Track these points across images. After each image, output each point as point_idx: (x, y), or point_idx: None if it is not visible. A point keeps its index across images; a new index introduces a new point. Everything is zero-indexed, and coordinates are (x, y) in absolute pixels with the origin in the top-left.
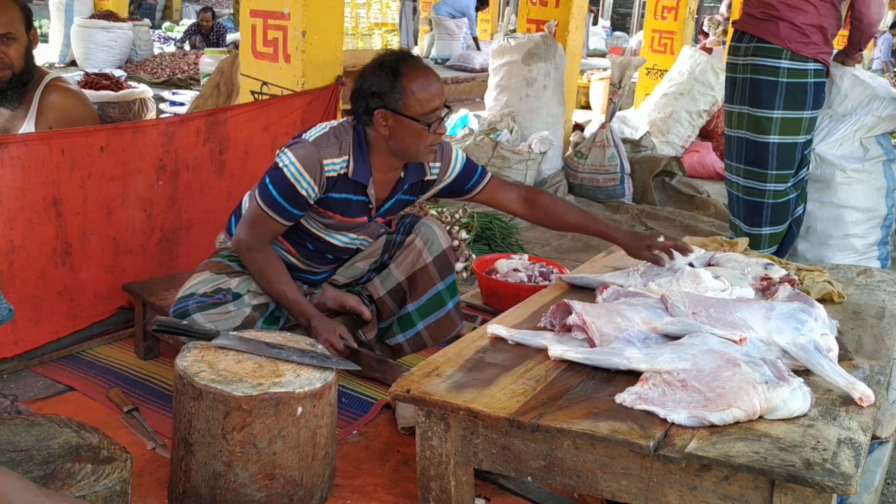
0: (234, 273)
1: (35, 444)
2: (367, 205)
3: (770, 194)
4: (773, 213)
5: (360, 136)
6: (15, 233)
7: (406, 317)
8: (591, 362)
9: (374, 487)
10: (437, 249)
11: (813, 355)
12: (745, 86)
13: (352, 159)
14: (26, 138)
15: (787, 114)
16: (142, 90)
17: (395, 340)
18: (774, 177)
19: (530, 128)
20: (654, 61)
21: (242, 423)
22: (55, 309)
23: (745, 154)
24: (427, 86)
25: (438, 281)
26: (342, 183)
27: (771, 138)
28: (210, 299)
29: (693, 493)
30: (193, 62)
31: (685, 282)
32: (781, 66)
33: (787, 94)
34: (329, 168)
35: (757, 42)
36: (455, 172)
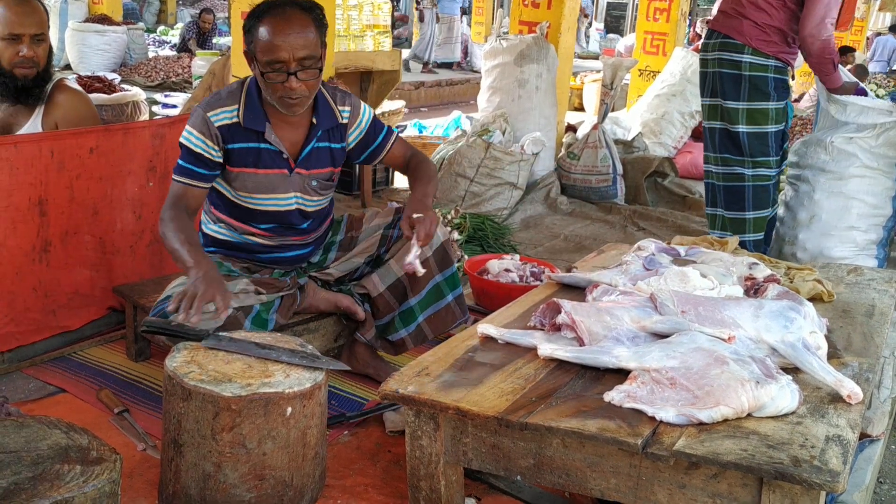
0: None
1: (24, 445)
2: (281, 155)
3: (750, 178)
4: (755, 197)
5: (251, 87)
6: None
7: (408, 311)
8: (580, 361)
9: (364, 487)
10: (436, 242)
11: (801, 353)
12: (714, 79)
13: (243, 107)
14: (17, 140)
15: (752, 105)
16: (134, 93)
17: (398, 336)
18: (751, 163)
19: (523, 129)
20: (647, 62)
21: (232, 423)
22: (29, 304)
23: (721, 142)
24: (274, 34)
25: (437, 273)
26: (238, 132)
27: (740, 128)
28: None
29: (682, 491)
30: (188, 65)
31: (673, 280)
32: (744, 60)
33: (751, 86)
34: (216, 119)
35: (722, 38)
36: (366, 121)
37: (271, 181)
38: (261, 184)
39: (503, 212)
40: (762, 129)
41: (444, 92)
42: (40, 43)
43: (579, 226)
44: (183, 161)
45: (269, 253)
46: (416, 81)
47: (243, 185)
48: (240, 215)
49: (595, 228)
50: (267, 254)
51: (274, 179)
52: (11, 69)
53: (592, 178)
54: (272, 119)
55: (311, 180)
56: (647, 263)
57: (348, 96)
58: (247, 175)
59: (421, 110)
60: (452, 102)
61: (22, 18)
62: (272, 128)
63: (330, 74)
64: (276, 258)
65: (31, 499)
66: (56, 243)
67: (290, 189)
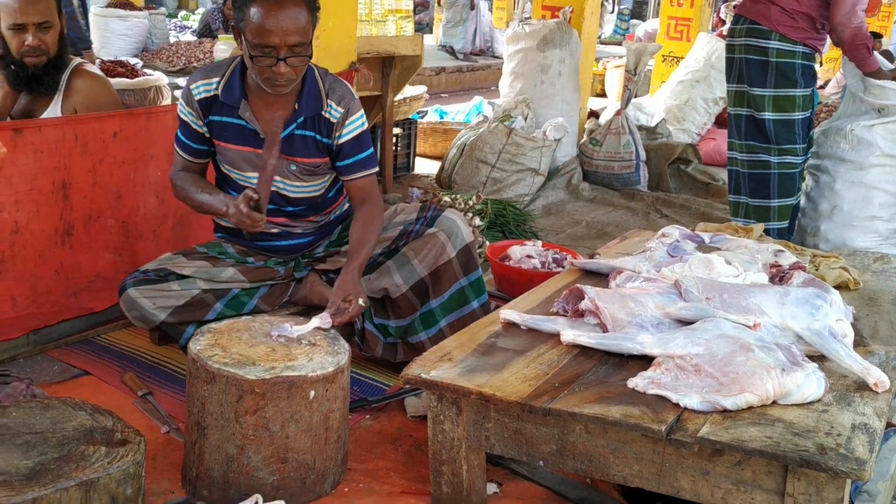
0: (194, 256)
1: (50, 426)
2: (256, 134)
3: (776, 165)
4: (781, 185)
5: (239, 62)
6: (20, 214)
7: (429, 313)
8: (603, 347)
9: (386, 471)
10: (460, 243)
11: (828, 340)
12: (740, 65)
13: (224, 80)
14: (41, 124)
15: (779, 92)
16: (157, 78)
17: (418, 338)
18: (777, 150)
19: (545, 115)
20: (670, 48)
21: (255, 406)
22: (51, 286)
23: (746, 129)
24: (265, 17)
25: (462, 276)
26: (217, 106)
27: (766, 115)
28: (151, 275)
29: (705, 478)
30: (209, 50)
31: (698, 267)
32: (771, 46)
33: (778, 73)
34: (196, 91)
35: (749, 23)
36: (354, 131)
37: (247, 158)
38: (237, 159)
39: (525, 198)
40: (789, 117)
41: (465, 78)
42: (47, 30)
43: (601, 212)
44: (179, 131)
45: (268, 241)
46: (436, 67)
47: (225, 158)
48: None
49: (617, 215)
50: (265, 241)
51: (249, 157)
52: (21, 58)
53: (615, 164)
54: (251, 97)
55: (289, 164)
56: (672, 250)
57: (352, 100)
58: (225, 149)
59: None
60: (473, 88)
61: (25, 7)
62: (249, 105)
63: (352, 59)
64: (273, 246)
65: (57, 479)
66: (79, 227)
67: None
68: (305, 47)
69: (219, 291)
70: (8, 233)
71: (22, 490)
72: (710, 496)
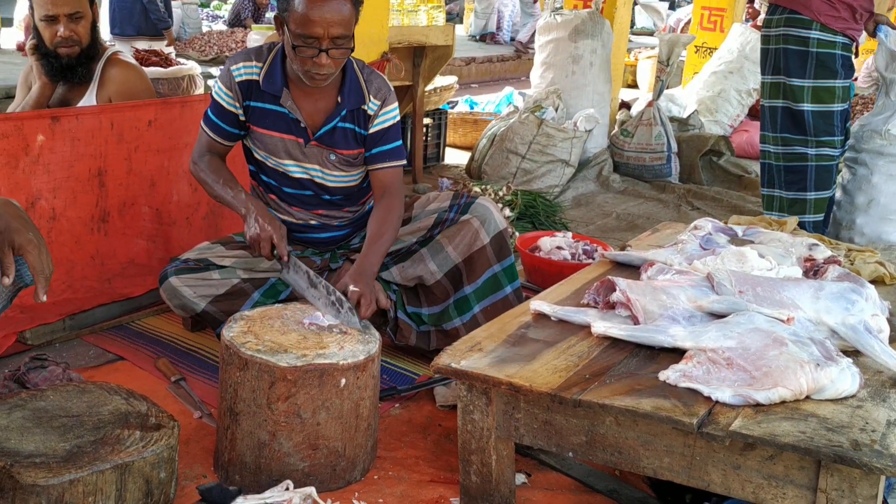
0: (232, 245)
1: (86, 410)
2: (299, 123)
3: (813, 158)
4: (818, 178)
5: (282, 48)
6: (58, 201)
7: (463, 299)
8: (634, 339)
9: (415, 460)
10: (493, 230)
11: (863, 336)
12: (777, 56)
13: (266, 67)
14: (78, 112)
15: (818, 82)
16: (190, 67)
17: (452, 325)
18: (815, 142)
19: (576, 105)
20: (704, 39)
21: (287, 393)
22: (87, 272)
23: (782, 122)
24: (310, 7)
25: (495, 262)
26: (257, 91)
27: (804, 106)
28: (192, 264)
29: (736, 472)
30: (241, 40)
31: (731, 260)
32: (811, 36)
33: (818, 63)
34: (237, 73)
35: (789, 13)
36: (386, 122)
37: (287, 146)
38: (277, 146)
39: (555, 189)
40: (828, 108)
41: (495, 68)
42: (79, 21)
43: (632, 204)
44: (210, 111)
45: (305, 233)
46: (467, 57)
47: (262, 144)
48: (268, 186)
49: (648, 207)
50: (303, 233)
51: (289, 144)
52: (55, 49)
53: (646, 155)
54: (292, 87)
55: (329, 154)
56: (704, 243)
57: (388, 93)
58: (263, 135)
59: (472, 86)
60: (503, 79)
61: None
62: (290, 95)
63: (384, 49)
64: (311, 238)
65: (94, 461)
66: (114, 214)
67: (309, 160)
68: (348, 40)
69: (257, 281)
70: (46, 219)
71: (59, 472)
72: (740, 490)
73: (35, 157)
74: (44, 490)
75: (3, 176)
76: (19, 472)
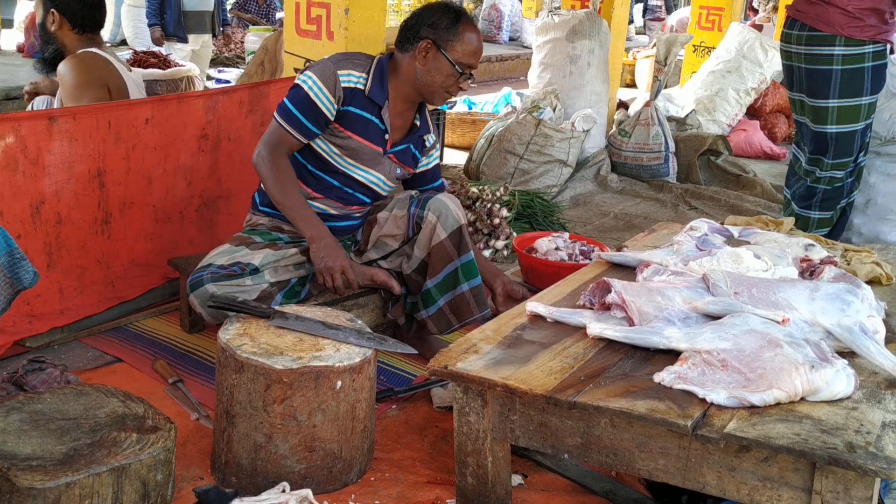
0: (255, 245)
1: (83, 412)
2: (384, 134)
3: (825, 181)
4: (824, 199)
5: (382, 64)
6: (62, 205)
7: (426, 293)
8: (629, 341)
9: (412, 461)
10: (451, 225)
11: (858, 337)
12: (801, 75)
13: (371, 78)
14: (74, 111)
15: (843, 102)
16: (189, 68)
17: (421, 316)
18: (831, 165)
19: (574, 106)
20: (702, 38)
21: (283, 395)
22: (95, 277)
23: (807, 140)
24: (475, 42)
25: (455, 257)
26: (359, 99)
27: (829, 128)
28: (225, 271)
29: (732, 474)
30: (240, 41)
31: (726, 261)
32: (835, 53)
33: (843, 81)
34: (345, 79)
35: (809, 31)
36: (434, 160)
37: (367, 153)
38: (357, 152)
39: (552, 189)
40: (852, 128)
41: (493, 67)
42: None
43: (629, 204)
44: (295, 107)
45: (326, 221)
46: None
47: (346, 148)
48: (315, 178)
49: (646, 207)
50: (326, 223)
51: (369, 152)
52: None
53: (644, 155)
54: (390, 103)
55: (396, 168)
56: (700, 244)
57: (436, 129)
58: (351, 139)
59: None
60: (502, 78)
61: None
62: (388, 109)
63: (381, 50)
64: (330, 227)
65: (90, 464)
66: (116, 215)
67: (379, 168)
68: None
69: (282, 283)
70: (52, 224)
71: (56, 475)
72: (735, 492)
73: (34, 158)
74: (40, 493)
75: (3, 179)
76: (16, 475)
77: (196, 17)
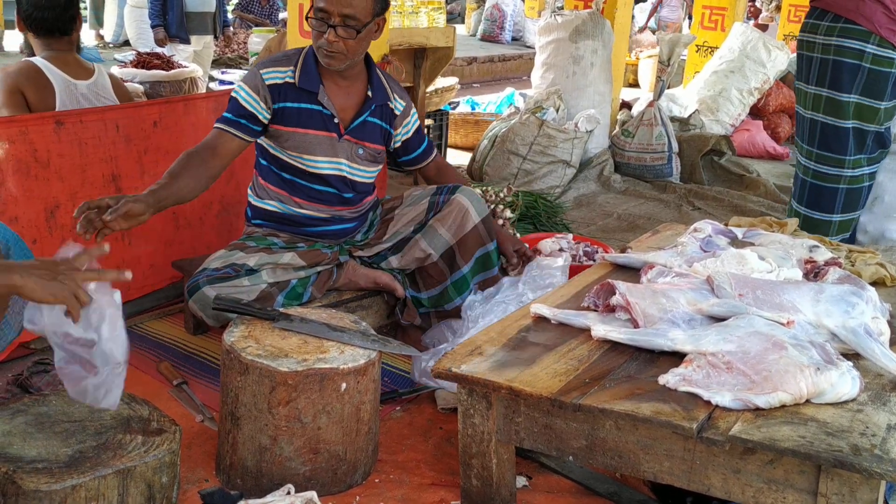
0: (250, 249)
1: (88, 415)
2: (332, 118)
3: (846, 180)
4: (847, 199)
5: (309, 52)
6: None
7: (461, 279)
8: (634, 343)
9: (416, 463)
10: (482, 212)
11: (863, 339)
12: (825, 67)
13: (299, 69)
14: (81, 115)
15: (863, 100)
16: (192, 69)
17: (454, 304)
18: (852, 162)
19: (577, 106)
20: (705, 38)
21: (288, 398)
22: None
23: (820, 138)
24: None
25: (488, 242)
26: (292, 92)
27: (849, 123)
28: (220, 273)
29: (737, 477)
30: (243, 41)
31: (731, 263)
32: (867, 50)
33: (868, 80)
34: (269, 77)
35: (844, 22)
36: (412, 124)
37: (320, 142)
38: (309, 144)
39: (556, 190)
40: (867, 127)
41: (496, 68)
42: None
43: (633, 204)
44: (228, 113)
45: (317, 226)
46: (468, 57)
47: (293, 144)
48: (290, 185)
49: (649, 207)
50: (314, 227)
51: (322, 141)
52: None
53: (647, 156)
54: (326, 84)
55: (358, 149)
56: (704, 245)
57: (405, 95)
58: (296, 135)
59: (473, 86)
60: (505, 78)
61: None
62: (325, 91)
63: (384, 51)
64: (322, 231)
65: (96, 467)
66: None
67: (338, 154)
68: (356, 22)
69: (281, 284)
70: (69, 229)
71: (61, 477)
72: (741, 494)
73: (45, 162)
74: (46, 495)
75: (16, 183)
76: (22, 478)
77: (198, 18)
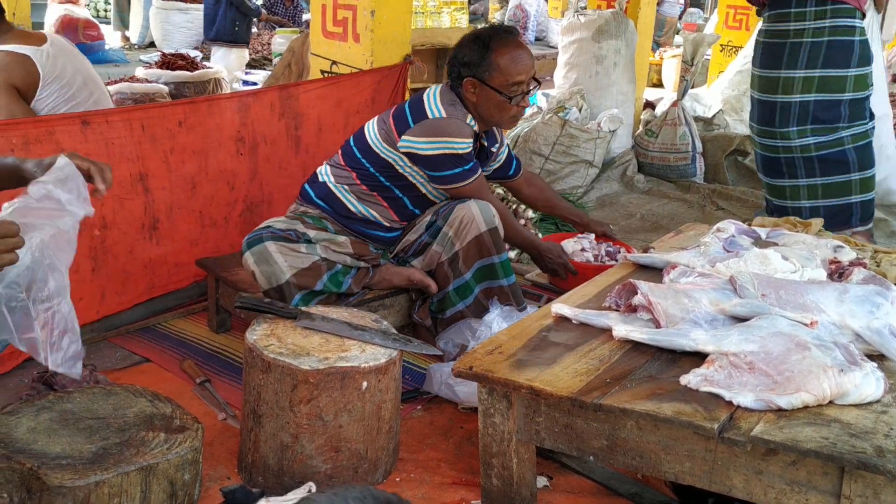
0: (307, 224)
1: (112, 412)
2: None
3: (849, 140)
4: (861, 157)
5: (461, 96)
6: (106, 209)
7: (464, 285)
8: (656, 343)
9: (437, 462)
10: (490, 222)
11: (888, 339)
12: (817, 49)
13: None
14: (107, 114)
15: (859, 71)
16: (216, 70)
17: (455, 310)
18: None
19: (600, 106)
20: (729, 38)
21: (309, 396)
22: (139, 281)
23: (813, 116)
24: (513, 61)
25: (494, 253)
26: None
27: (846, 96)
28: (283, 233)
29: (758, 478)
30: (267, 42)
31: (754, 263)
32: (857, 25)
33: (861, 53)
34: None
35: (832, 5)
36: (505, 152)
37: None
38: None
39: (578, 190)
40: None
41: None
42: None
43: (656, 205)
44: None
45: (376, 231)
46: None
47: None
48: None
49: (672, 207)
50: (374, 231)
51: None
52: None
53: (671, 156)
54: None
55: None
56: (727, 245)
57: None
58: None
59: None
60: None
61: None
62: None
63: (407, 52)
64: (376, 235)
65: (119, 463)
66: (163, 220)
67: None
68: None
69: (330, 262)
70: (98, 228)
71: (85, 474)
72: (762, 495)
73: None
74: (70, 491)
75: None
76: (46, 474)
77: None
